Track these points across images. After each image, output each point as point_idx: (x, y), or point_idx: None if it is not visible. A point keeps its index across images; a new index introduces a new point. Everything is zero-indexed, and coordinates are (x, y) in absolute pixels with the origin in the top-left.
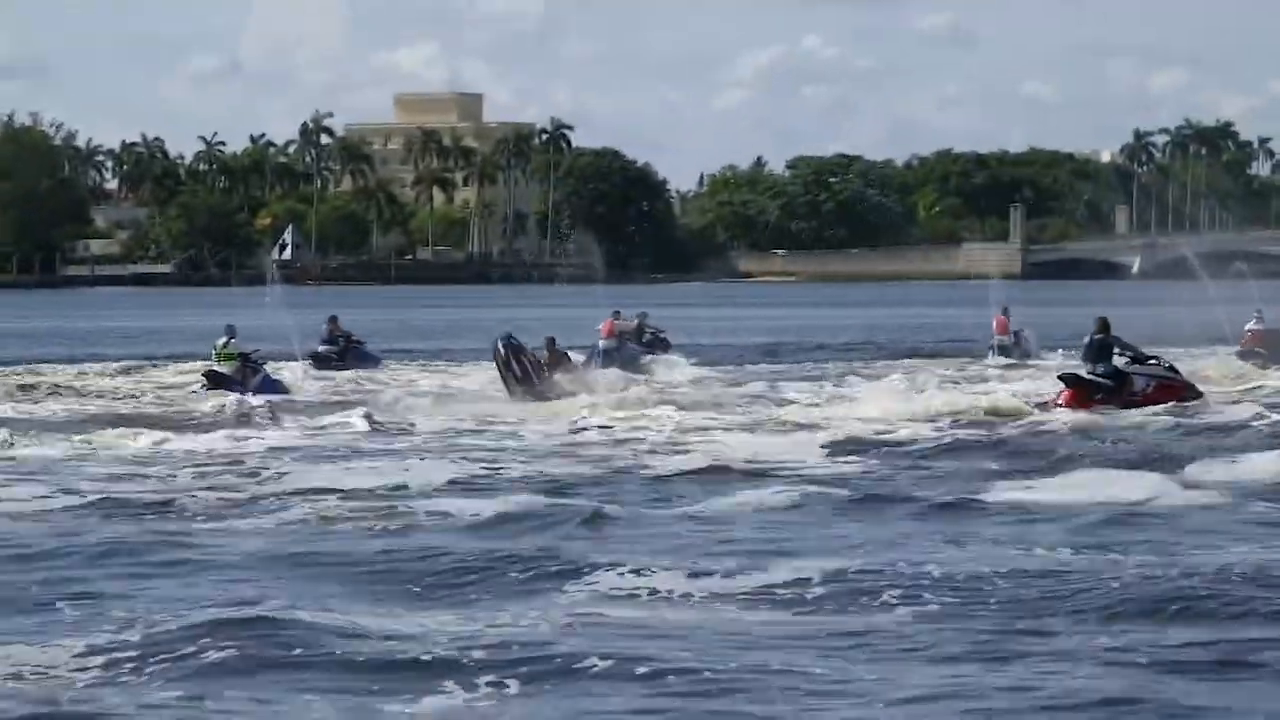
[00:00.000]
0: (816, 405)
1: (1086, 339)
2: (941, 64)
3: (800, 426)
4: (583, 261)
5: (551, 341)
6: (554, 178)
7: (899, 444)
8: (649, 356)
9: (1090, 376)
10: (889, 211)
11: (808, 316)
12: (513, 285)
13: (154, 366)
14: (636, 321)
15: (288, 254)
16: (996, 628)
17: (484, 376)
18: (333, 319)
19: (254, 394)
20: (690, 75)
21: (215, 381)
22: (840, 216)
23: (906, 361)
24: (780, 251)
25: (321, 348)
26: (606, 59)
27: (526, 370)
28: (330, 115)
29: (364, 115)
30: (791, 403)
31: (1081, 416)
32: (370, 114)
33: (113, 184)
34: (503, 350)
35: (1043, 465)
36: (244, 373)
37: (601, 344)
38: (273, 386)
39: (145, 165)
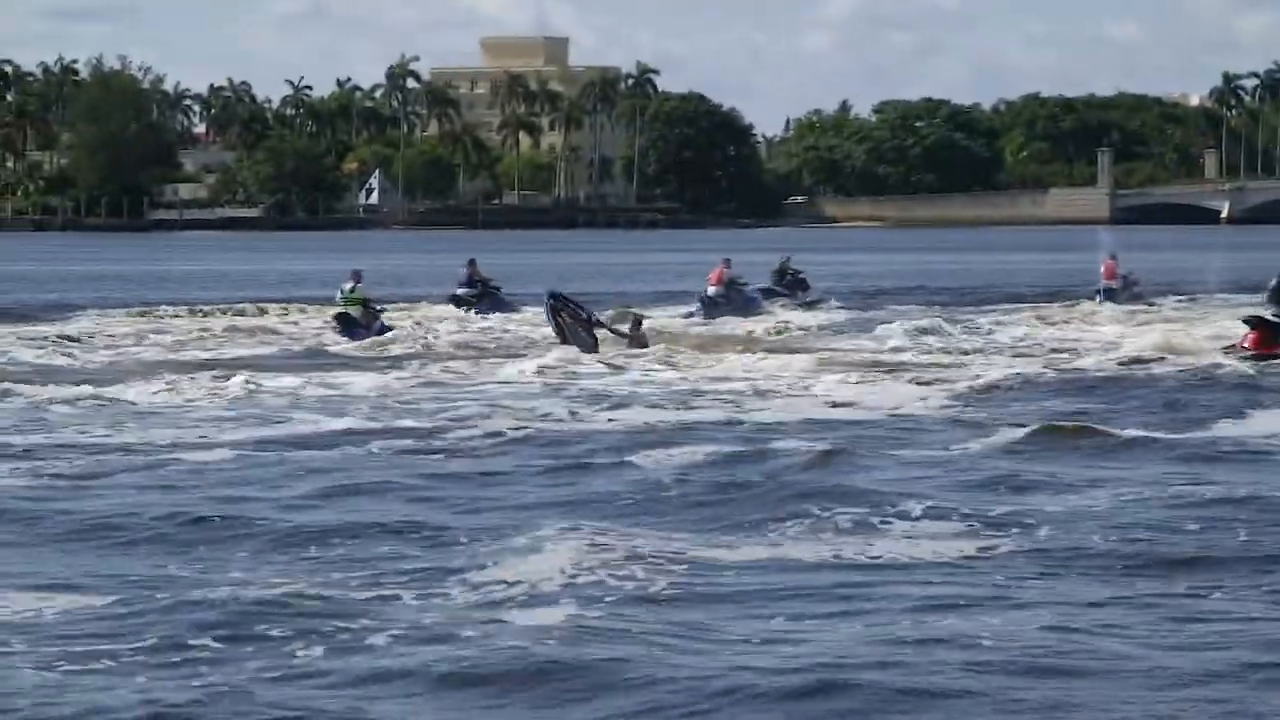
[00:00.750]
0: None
1: (1273, 281)
2: (1028, 5)
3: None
4: (669, 206)
5: (637, 322)
6: (640, 122)
7: (1077, 382)
8: (779, 299)
9: (1275, 319)
10: (976, 156)
11: (903, 262)
12: (598, 230)
13: (297, 309)
14: (779, 261)
15: (375, 198)
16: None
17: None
18: (471, 262)
19: (373, 337)
20: (776, 17)
21: (345, 325)
22: (927, 161)
23: (1005, 306)
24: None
25: (460, 290)
26: (691, 1)
27: (562, 329)
28: (416, 59)
29: (450, 59)
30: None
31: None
32: (456, 58)
33: (200, 128)
34: (545, 309)
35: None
36: (368, 317)
37: (710, 291)
38: (386, 330)
39: (232, 109)
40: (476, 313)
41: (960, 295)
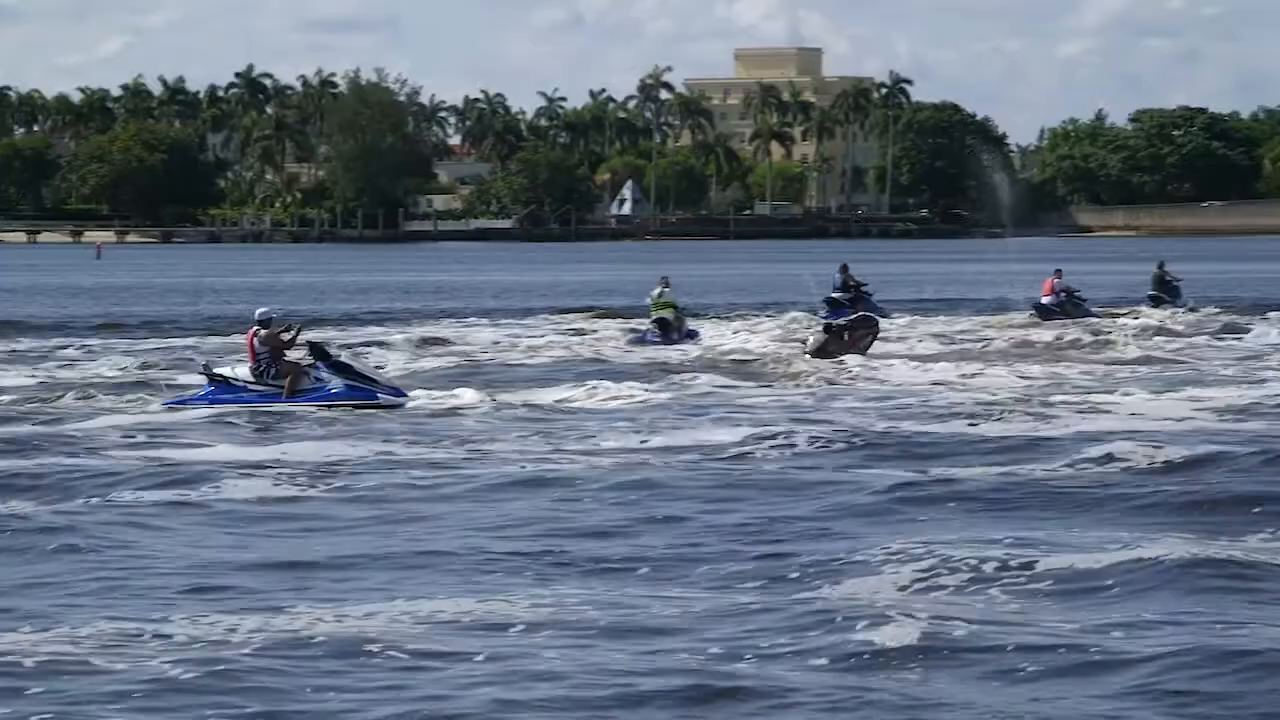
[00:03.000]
0: None
1: None
2: None
3: None
4: (922, 216)
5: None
6: (893, 132)
7: None
8: (1163, 305)
9: None
10: (1234, 165)
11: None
12: (851, 240)
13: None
14: (1156, 268)
15: (627, 209)
16: None
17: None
18: (844, 267)
19: (681, 342)
20: (1031, 26)
21: (664, 328)
22: (1184, 170)
23: None
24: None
25: (835, 294)
26: (946, 9)
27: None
28: (669, 69)
29: (703, 69)
30: None
31: None
32: (709, 68)
33: (455, 140)
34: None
35: None
36: (679, 321)
37: (1045, 300)
38: (693, 336)
39: (487, 121)
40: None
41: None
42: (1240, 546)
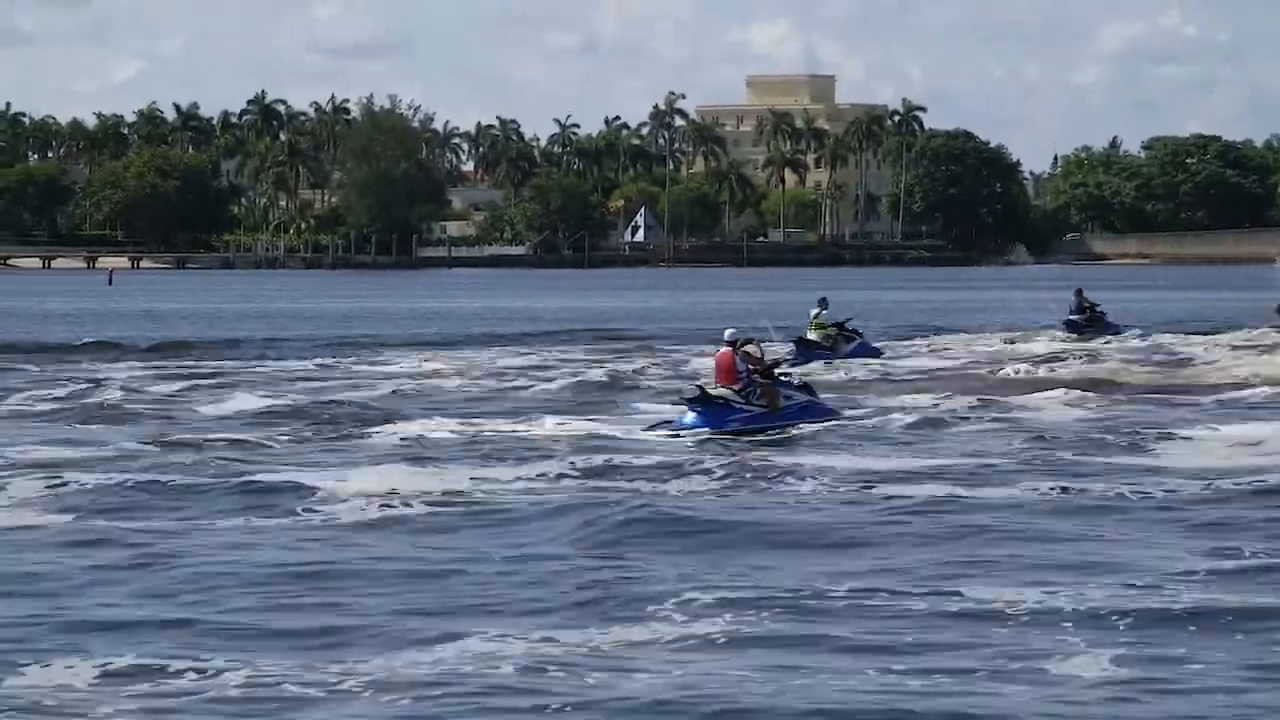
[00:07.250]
0: None
1: None
2: None
3: None
4: (935, 244)
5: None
6: (906, 159)
7: None
8: None
9: None
10: (1248, 193)
11: (1208, 299)
12: (865, 267)
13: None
14: None
15: (640, 235)
16: None
17: None
18: (1079, 291)
19: (845, 359)
20: (1045, 54)
21: (805, 347)
22: (1197, 198)
23: None
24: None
25: (1073, 316)
26: (960, 36)
27: None
28: (682, 96)
29: (716, 96)
30: None
31: None
32: (722, 95)
33: (468, 166)
34: None
35: None
36: (835, 340)
37: None
38: (868, 351)
39: (500, 147)
40: (1087, 336)
41: None
42: None
